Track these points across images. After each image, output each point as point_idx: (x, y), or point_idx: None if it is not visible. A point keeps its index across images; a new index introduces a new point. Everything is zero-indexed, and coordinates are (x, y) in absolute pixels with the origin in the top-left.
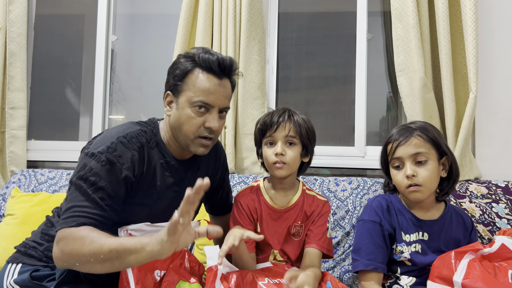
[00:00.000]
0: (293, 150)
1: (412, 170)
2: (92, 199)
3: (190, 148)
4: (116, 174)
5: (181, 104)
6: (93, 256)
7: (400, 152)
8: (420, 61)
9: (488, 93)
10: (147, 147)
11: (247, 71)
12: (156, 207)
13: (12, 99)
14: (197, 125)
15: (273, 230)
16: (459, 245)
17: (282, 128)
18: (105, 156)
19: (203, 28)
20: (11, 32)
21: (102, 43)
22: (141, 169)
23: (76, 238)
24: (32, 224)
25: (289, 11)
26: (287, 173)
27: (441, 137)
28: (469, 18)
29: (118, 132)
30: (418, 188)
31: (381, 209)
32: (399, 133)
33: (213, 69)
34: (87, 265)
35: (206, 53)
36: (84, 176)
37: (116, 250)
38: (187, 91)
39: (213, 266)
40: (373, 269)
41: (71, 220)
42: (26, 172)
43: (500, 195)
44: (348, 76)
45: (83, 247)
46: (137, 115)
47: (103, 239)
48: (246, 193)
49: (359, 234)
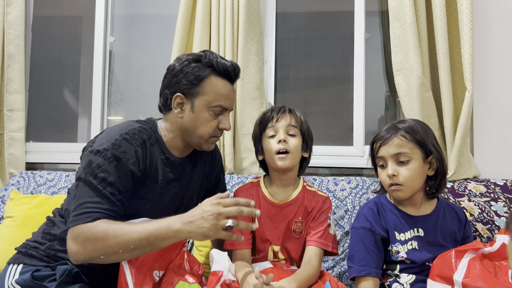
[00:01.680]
0: (294, 140)
1: (393, 170)
2: (103, 195)
3: (202, 146)
4: (123, 169)
5: (198, 107)
6: (122, 248)
7: (383, 151)
8: (417, 60)
9: (486, 92)
10: (148, 143)
11: (245, 72)
12: (158, 202)
13: (10, 101)
14: (213, 127)
15: (273, 226)
16: (455, 237)
17: (283, 118)
18: (111, 152)
19: (201, 29)
20: (9, 34)
21: (100, 45)
22: (145, 164)
23: (97, 233)
24: (31, 226)
25: (286, 11)
26: (291, 163)
27: (429, 136)
28: (465, 17)
29: (120, 129)
30: (399, 187)
31: (372, 214)
32: (385, 131)
33: (229, 75)
34: (114, 256)
35: (222, 59)
36: (93, 172)
37: (147, 238)
38: (205, 95)
39: (218, 271)
40: (366, 274)
41: (85, 216)
42: (25, 174)
43: (499, 194)
44: (346, 76)
45: (107, 240)
46: (135, 116)
47: (128, 229)
48: (245, 188)
49: (352, 241)
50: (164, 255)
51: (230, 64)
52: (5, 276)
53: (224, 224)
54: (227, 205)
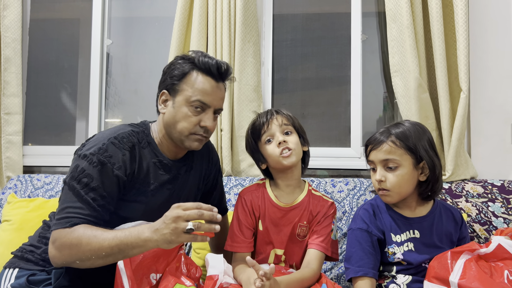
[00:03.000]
0: (292, 137)
1: (380, 175)
2: (84, 200)
3: (184, 143)
4: (107, 174)
5: (178, 102)
6: (94, 254)
7: (372, 156)
8: (414, 61)
9: (482, 92)
10: (138, 147)
11: (243, 74)
12: (150, 204)
13: (8, 104)
14: (193, 123)
15: (277, 229)
16: (451, 239)
17: (273, 121)
18: (97, 157)
19: (198, 31)
20: (6, 37)
21: (97, 47)
22: (133, 168)
23: (72, 239)
24: (29, 229)
25: (283, 12)
26: (296, 159)
27: (422, 141)
28: (460, 18)
29: (110, 133)
30: (386, 192)
31: (368, 216)
32: (378, 134)
33: (211, 72)
34: (88, 261)
35: (205, 57)
36: (77, 177)
37: (118, 246)
38: (185, 91)
39: (213, 275)
40: (363, 275)
41: (64, 221)
42: (22, 178)
43: (496, 194)
44: (344, 77)
45: (81, 247)
46: (133, 118)
47: (101, 236)
48: (251, 190)
49: (349, 243)
50: (161, 258)
51: (215, 62)
52: (0, 280)
53: (184, 227)
54: (187, 208)
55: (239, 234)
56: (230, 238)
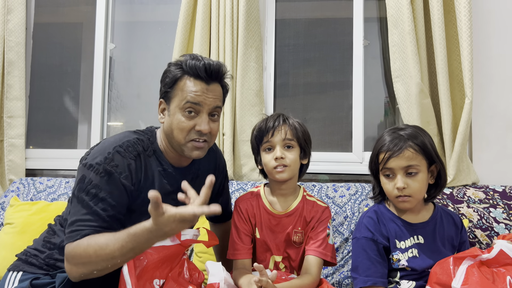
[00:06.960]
0: (292, 153)
1: (403, 183)
2: (94, 212)
3: (184, 153)
4: (115, 184)
5: (172, 110)
6: (105, 260)
7: (392, 164)
8: (416, 67)
9: (485, 98)
10: (144, 155)
11: (245, 78)
12: None
13: (10, 107)
14: (187, 129)
15: (273, 236)
16: (453, 243)
17: (278, 132)
18: (103, 167)
19: (201, 36)
20: (9, 41)
21: (100, 51)
22: (139, 177)
23: (81, 252)
24: (31, 232)
25: (286, 18)
26: (289, 175)
27: (431, 143)
28: (463, 24)
29: (115, 141)
30: (407, 198)
31: (372, 223)
32: (392, 142)
33: (200, 75)
34: (106, 270)
35: (193, 60)
36: (85, 188)
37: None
38: (176, 97)
39: (214, 284)
40: (372, 284)
41: (74, 234)
42: (25, 181)
43: (498, 200)
44: (345, 82)
45: (91, 257)
46: (135, 122)
47: (104, 242)
48: (245, 198)
49: (355, 252)
50: (165, 264)
51: (202, 64)
52: (4, 283)
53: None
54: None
55: (238, 242)
56: (231, 247)
